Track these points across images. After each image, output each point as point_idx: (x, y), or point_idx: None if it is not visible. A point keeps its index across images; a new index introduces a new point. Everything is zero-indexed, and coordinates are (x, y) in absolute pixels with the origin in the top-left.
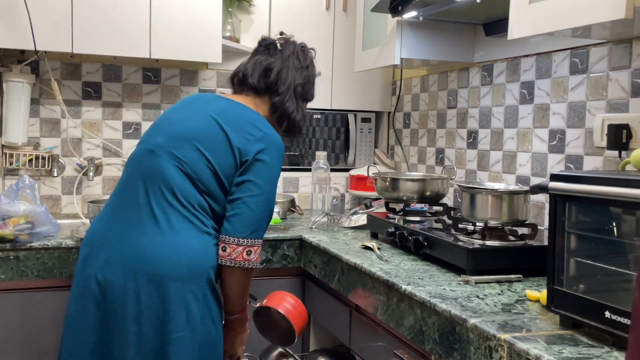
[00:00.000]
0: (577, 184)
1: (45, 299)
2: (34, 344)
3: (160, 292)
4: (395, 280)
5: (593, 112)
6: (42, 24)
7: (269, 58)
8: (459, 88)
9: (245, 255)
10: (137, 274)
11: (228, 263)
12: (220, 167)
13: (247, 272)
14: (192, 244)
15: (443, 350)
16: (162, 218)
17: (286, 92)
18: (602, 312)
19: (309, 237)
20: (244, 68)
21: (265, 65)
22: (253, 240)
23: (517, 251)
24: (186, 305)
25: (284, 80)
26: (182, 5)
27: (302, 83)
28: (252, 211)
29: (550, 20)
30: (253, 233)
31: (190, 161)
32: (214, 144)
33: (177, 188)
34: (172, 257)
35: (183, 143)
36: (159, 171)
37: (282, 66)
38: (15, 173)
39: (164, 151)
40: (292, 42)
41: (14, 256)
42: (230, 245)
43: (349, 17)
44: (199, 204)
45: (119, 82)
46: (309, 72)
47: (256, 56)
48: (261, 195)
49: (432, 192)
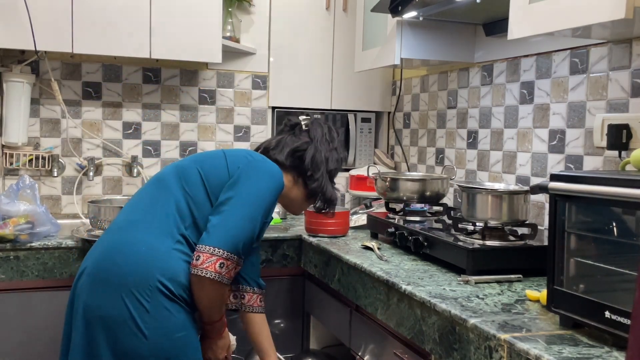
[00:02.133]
0: (577, 184)
1: (45, 299)
2: (34, 344)
3: (108, 294)
4: (395, 280)
5: (593, 112)
6: (42, 24)
7: (295, 140)
8: (459, 88)
9: (217, 267)
10: (92, 277)
11: (198, 272)
12: (207, 174)
13: (216, 285)
14: (153, 247)
15: (443, 350)
16: (146, 219)
17: (322, 177)
18: (602, 312)
19: (308, 237)
20: (267, 143)
21: (293, 147)
22: (228, 254)
23: (517, 251)
24: (131, 316)
25: (319, 166)
26: (182, 5)
27: (334, 167)
28: (231, 224)
29: (550, 20)
30: (230, 246)
31: (186, 168)
32: (211, 160)
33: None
34: (123, 262)
35: (189, 159)
36: (162, 179)
37: (315, 151)
38: (16, 173)
39: (172, 165)
40: (319, 124)
41: (14, 256)
42: (203, 254)
43: (349, 17)
44: (178, 207)
45: (119, 82)
46: (339, 155)
47: (281, 135)
48: (243, 211)
49: (432, 192)
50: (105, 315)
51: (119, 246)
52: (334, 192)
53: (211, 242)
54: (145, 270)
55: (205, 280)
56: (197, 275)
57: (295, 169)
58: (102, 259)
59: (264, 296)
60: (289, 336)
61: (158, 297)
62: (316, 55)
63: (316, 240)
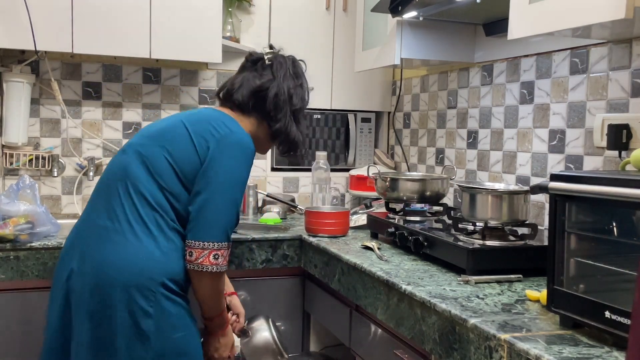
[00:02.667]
0: (577, 184)
1: (45, 299)
2: (34, 344)
3: (106, 300)
4: (395, 280)
5: (593, 112)
6: (42, 24)
7: (257, 78)
8: (459, 88)
9: (212, 259)
10: (89, 280)
11: (195, 268)
12: (179, 164)
13: (215, 276)
14: (147, 249)
15: (443, 350)
16: (124, 221)
17: (285, 118)
18: (602, 312)
19: (308, 237)
20: (230, 84)
21: (255, 87)
22: (219, 244)
23: (517, 251)
24: (133, 314)
25: (283, 106)
26: (182, 5)
27: (300, 106)
28: (216, 214)
29: (550, 20)
30: (218, 236)
31: (152, 157)
32: (176, 141)
33: (141, 185)
34: (121, 263)
35: (149, 141)
36: (125, 169)
37: (278, 90)
38: (16, 173)
39: (131, 149)
40: (283, 59)
41: (14, 256)
42: (195, 249)
43: (349, 17)
44: (158, 203)
45: (119, 82)
46: (304, 91)
47: (243, 73)
48: (224, 197)
49: (432, 192)
50: (110, 320)
51: (115, 261)
52: (299, 133)
53: (200, 236)
54: (146, 277)
55: (204, 273)
56: (195, 270)
57: (259, 110)
58: (99, 274)
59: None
60: (289, 336)
61: (159, 300)
62: (316, 55)
63: (316, 240)
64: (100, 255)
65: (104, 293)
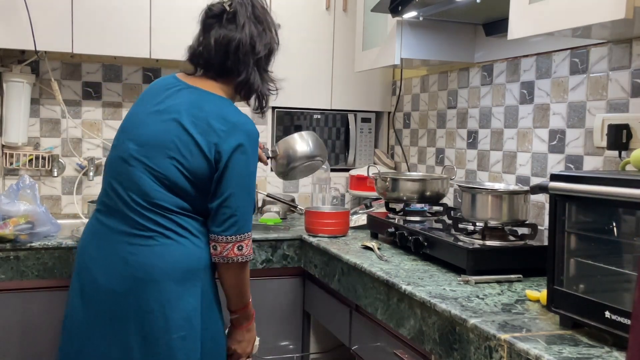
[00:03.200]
0: (577, 184)
1: (45, 299)
2: (34, 344)
3: (154, 297)
4: (395, 280)
5: (593, 112)
6: (42, 24)
7: (226, 32)
8: (459, 88)
9: (236, 250)
10: (131, 281)
11: (222, 260)
12: (193, 172)
13: (242, 266)
14: (179, 249)
15: (443, 350)
16: (151, 228)
17: (249, 68)
18: (602, 312)
19: (309, 237)
20: (207, 49)
21: (225, 43)
22: (242, 235)
23: (517, 251)
24: (182, 306)
25: (246, 56)
26: (182, 5)
27: (265, 54)
28: (235, 208)
29: (550, 20)
30: (240, 228)
31: (164, 170)
32: (184, 149)
33: (158, 199)
34: (160, 264)
35: (154, 152)
36: (136, 183)
37: (241, 38)
38: (16, 173)
39: (136, 161)
40: (242, 4)
41: (14, 256)
42: (220, 243)
43: (349, 17)
44: (181, 208)
45: (119, 82)
46: (270, 35)
47: (212, 30)
48: (242, 191)
49: (432, 192)
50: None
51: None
52: (266, 84)
53: (222, 231)
54: (185, 272)
55: (230, 265)
56: (221, 262)
57: (232, 71)
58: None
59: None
60: (289, 336)
61: (200, 291)
62: (316, 55)
63: (316, 240)
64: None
65: (153, 292)
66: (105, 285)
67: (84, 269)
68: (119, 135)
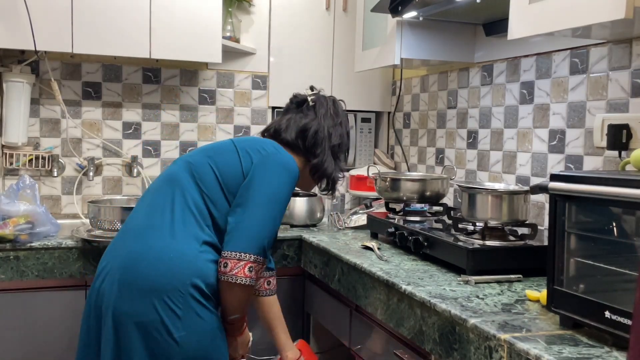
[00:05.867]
0: (577, 184)
1: (45, 299)
2: (34, 344)
3: (138, 300)
4: (395, 280)
5: (593, 112)
6: (42, 24)
7: (303, 118)
8: (459, 88)
9: (247, 271)
10: (118, 282)
11: (228, 279)
12: (223, 174)
13: (247, 288)
14: (180, 249)
15: (443, 350)
16: (162, 220)
17: (324, 154)
18: (602, 312)
19: (309, 237)
20: (277, 124)
21: (301, 126)
22: (256, 257)
23: (517, 251)
24: (163, 322)
25: (321, 142)
26: (182, 5)
27: (338, 143)
28: (255, 227)
29: (550, 20)
30: (256, 250)
31: (198, 164)
32: (223, 153)
33: (185, 189)
34: (151, 256)
35: (198, 152)
36: (172, 175)
37: (318, 127)
38: (16, 173)
39: (181, 160)
40: (324, 98)
41: (14, 256)
42: (231, 260)
43: (349, 17)
44: (198, 208)
45: (119, 82)
46: (343, 129)
47: (288, 114)
48: (264, 211)
49: (432, 192)
50: (138, 321)
51: (145, 255)
52: (337, 169)
53: (236, 247)
54: (175, 277)
55: (236, 286)
56: (227, 282)
57: (303, 148)
58: (128, 267)
59: (272, 278)
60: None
61: (189, 303)
62: (316, 55)
63: (316, 240)
64: (131, 247)
65: (133, 289)
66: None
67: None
68: None
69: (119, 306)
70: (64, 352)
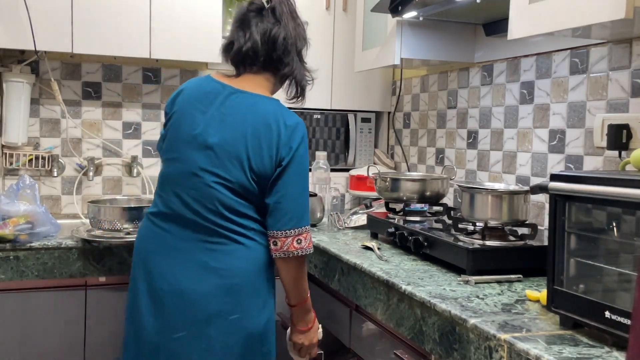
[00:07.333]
0: (577, 184)
1: (45, 299)
2: (34, 344)
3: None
4: (395, 280)
5: (593, 112)
6: (42, 24)
7: (269, 26)
8: (459, 88)
9: (295, 244)
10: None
11: (282, 255)
12: (259, 174)
13: (300, 260)
14: (251, 252)
15: (443, 350)
16: (225, 233)
17: (292, 61)
18: (602, 312)
19: None
20: (253, 43)
21: (269, 37)
22: (300, 229)
23: (517, 251)
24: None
25: (290, 48)
26: (182, 5)
27: (303, 46)
28: (293, 202)
29: (550, 20)
30: (298, 222)
31: (235, 177)
32: (252, 155)
33: (230, 205)
34: (241, 266)
35: (222, 161)
36: (207, 193)
37: (286, 33)
38: (15, 173)
39: (207, 173)
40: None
41: (14, 256)
42: (279, 239)
43: (349, 17)
44: (250, 210)
45: (119, 82)
46: (303, 28)
47: (252, 26)
48: (297, 186)
49: (432, 192)
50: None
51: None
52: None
53: (281, 225)
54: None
55: (291, 260)
56: (281, 258)
57: (269, 59)
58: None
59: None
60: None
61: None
62: (316, 55)
63: (316, 240)
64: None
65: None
66: (184, 290)
67: (156, 276)
68: (177, 146)
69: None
70: (64, 352)
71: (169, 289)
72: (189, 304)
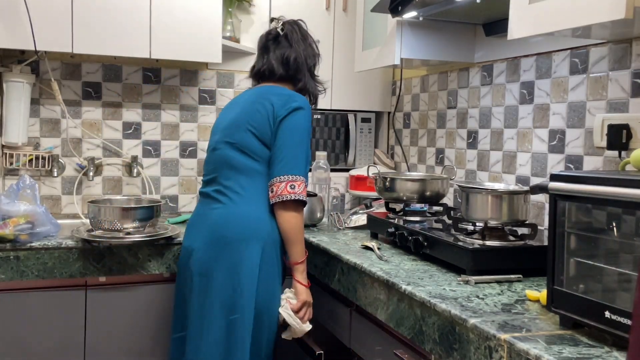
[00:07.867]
0: (577, 184)
1: (45, 299)
2: (34, 344)
3: (226, 252)
4: (395, 280)
5: (593, 112)
6: (42, 24)
7: (281, 50)
8: (459, 88)
9: (289, 188)
10: (208, 240)
11: (277, 199)
12: (261, 135)
13: (296, 206)
14: (249, 213)
15: (443, 350)
16: (229, 195)
17: (305, 76)
18: (602, 312)
19: (309, 237)
20: (269, 64)
21: (283, 59)
22: (294, 176)
23: (517, 251)
24: (250, 262)
25: (301, 67)
26: (182, 5)
27: (313, 63)
28: (287, 153)
29: (550, 20)
30: (291, 169)
31: (242, 140)
32: (255, 119)
33: (237, 165)
34: (234, 224)
35: (232, 130)
36: (223, 159)
37: (296, 54)
38: (16, 173)
39: (221, 143)
40: (291, 25)
41: (14, 256)
42: (275, 184)
43: (349, 17)
44: (254, 170)
45: (119, 82)
46: (313, 49)
47: (270, 52)
48: (293, 139)
49: (432, 192)
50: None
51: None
52: (317, 86)
53: (276, 172)
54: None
55: (286, 205)
56: (277, 203)
57: (291, 79)
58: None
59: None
60: None
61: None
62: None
63: (316, 240)
64: (215, 222)
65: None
66: (191, 247)
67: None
68: (211, 135)
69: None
70: (63, 352)
71: (184, 248)
72: (196, 260)
